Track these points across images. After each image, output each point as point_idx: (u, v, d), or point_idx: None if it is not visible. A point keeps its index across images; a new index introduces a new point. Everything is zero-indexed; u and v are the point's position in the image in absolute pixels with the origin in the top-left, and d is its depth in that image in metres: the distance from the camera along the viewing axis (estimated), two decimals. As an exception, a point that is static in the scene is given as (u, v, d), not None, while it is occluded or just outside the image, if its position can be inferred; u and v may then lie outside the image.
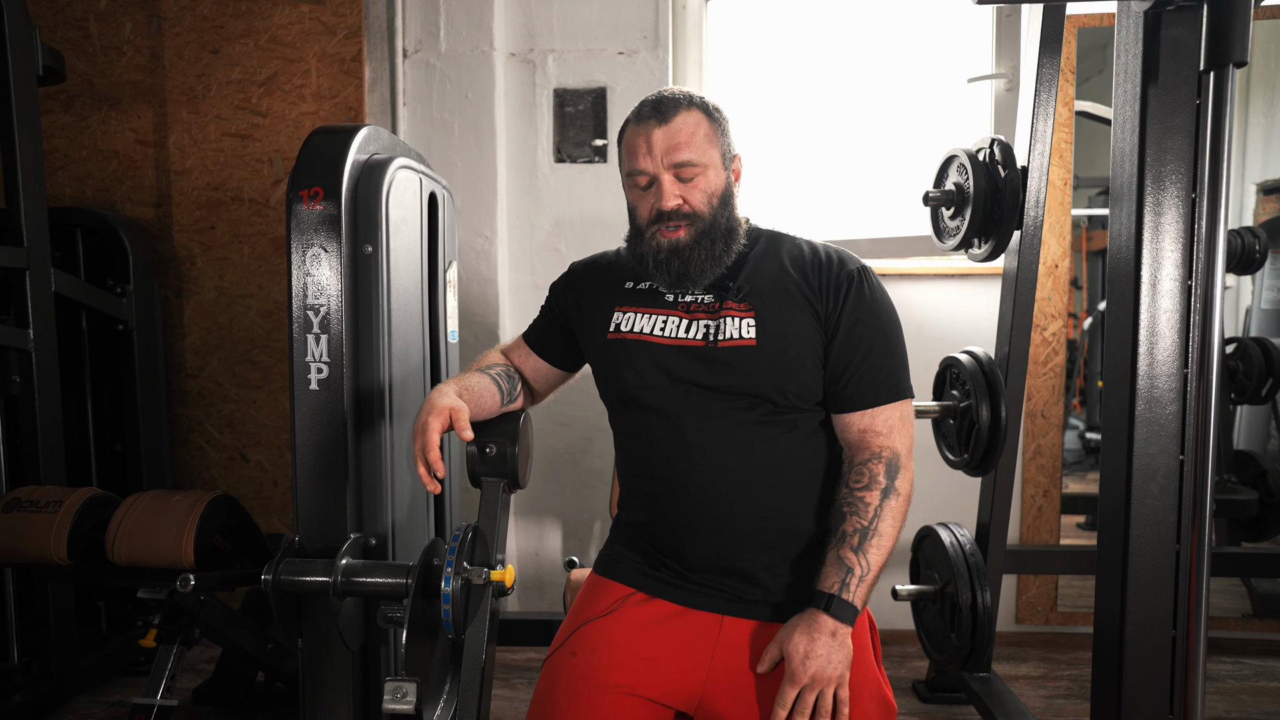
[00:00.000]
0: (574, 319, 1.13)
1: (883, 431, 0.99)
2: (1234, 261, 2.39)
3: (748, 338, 0.99)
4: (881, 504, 0.96)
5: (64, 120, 2.21)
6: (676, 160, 0.99)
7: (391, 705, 0.98)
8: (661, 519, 1.01)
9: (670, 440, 1.00)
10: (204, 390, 2.26)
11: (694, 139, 1.00)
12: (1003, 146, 1.58)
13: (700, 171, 1.00)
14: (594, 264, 1.15)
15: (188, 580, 1.17)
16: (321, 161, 1.17)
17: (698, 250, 1.00)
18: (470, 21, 2.14)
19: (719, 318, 1.01)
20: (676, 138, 0.99)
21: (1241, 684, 1.97)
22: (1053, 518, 2.21)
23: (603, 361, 1.07)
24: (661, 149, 0.99)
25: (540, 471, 2.22)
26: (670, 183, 1.00)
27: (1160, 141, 1.04)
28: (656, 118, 1.00)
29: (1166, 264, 1.05)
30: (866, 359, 0.99)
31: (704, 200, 1.00)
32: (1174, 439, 1.06)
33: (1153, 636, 1.06)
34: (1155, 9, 1.01)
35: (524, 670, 2.06)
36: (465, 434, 1.01)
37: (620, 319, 1.06)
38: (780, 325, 0.99)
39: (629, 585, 1.03)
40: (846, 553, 0.95)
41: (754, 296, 1.01)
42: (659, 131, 0.99)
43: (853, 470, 0.99)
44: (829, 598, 0.93)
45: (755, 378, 0.98)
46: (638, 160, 1.01)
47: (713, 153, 1.01)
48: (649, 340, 1.03)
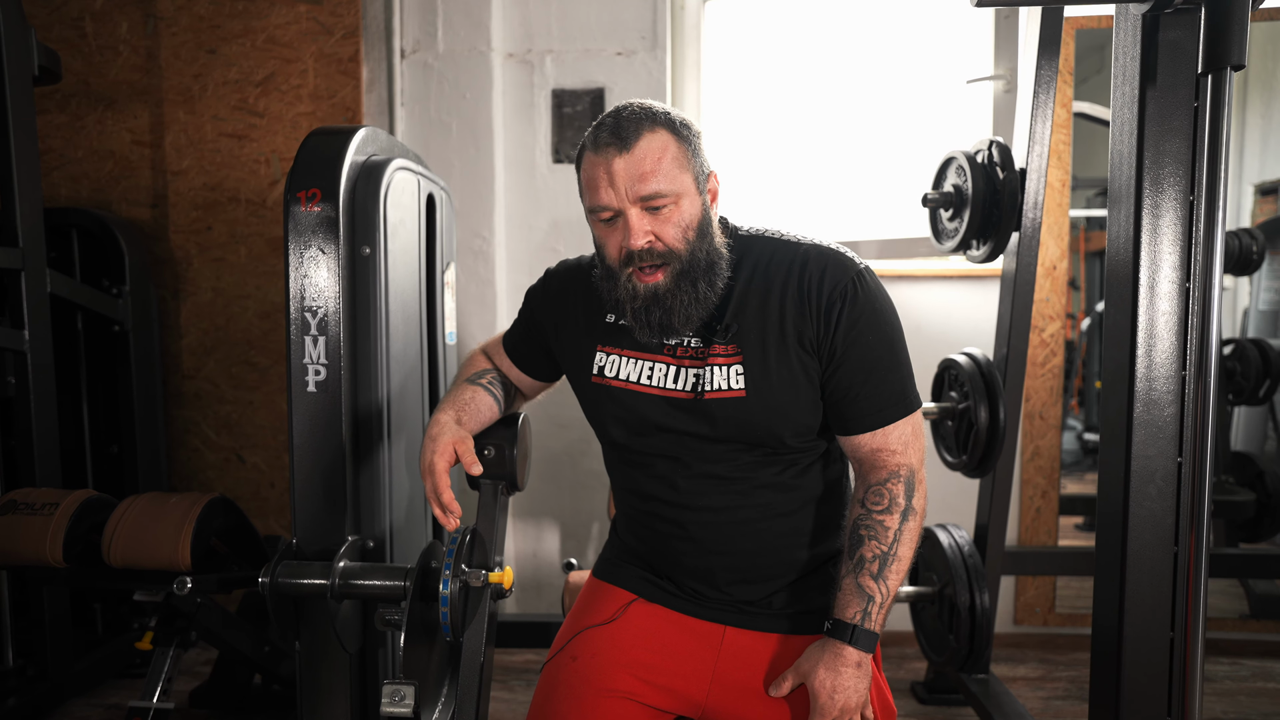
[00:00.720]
0: (552, 341, 1.06)
1: (897, 450, 0.94)
2: (1231, 263, 2.40)
3: (736, 389, 0.92)
4: (901, 527, 0.92)
5: (60, 120, 2.20)
6: (643, 193, 0.87)
7: (389, 708, 0.98)
8: (661, 550, 1.00)
9: (663, 487, 0.97)
10: (201, 391, 2.26)
11: (661, 165, 0.88)
12: (1001, 148, 1.58)
13: (672, 202, 0.89)
14: (571, 280, 1.05)
15: (184, 582, 1.16)
16: (319, 163, 1.17)
17: (679, 296, 0.90)
18: (468, 22, 2.13)
19: (705, 364, 0.93)
20: (641, 166, 0.87)
21: (1239, 684, 1.98)
22: (1051, 519, 2.21)
23: (588, 403, 1.02)
24: (625, 180, 0.87)
25: (538, 473, 2.22)
26: (638, 218, 0.88)
27: (1158, 144, 1.04)
28: (616, 144, 0.88)
29: (1165, 266, 1.05)
30: (869, 378, 0.92)
31: (679, 235, 0.89)
32: (1172, 441, 1.06)
33: (1151, 638, 1.06)
34: (1153, 11, 1.01)
35: (522, 672, 2.05)
36: (474, 469, 0.97)
37: (604, 361, 0.99)
38: (768, 370, 0.92)
39: (631, 591, 1.02)
40: (866, 580, 0.91)
41: (741, 337, 0.93)
42: (620, 161, 0.87)
43: (870, 491, 0.94)
44: (852, 629, 0.90)
45: (748, 430, 0.93)
46: (599, 195, 0.89)
47: (684, 178, 0.90)
48: (636, 390, 0.96)
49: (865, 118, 2.22)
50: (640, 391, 0.96)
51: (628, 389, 0.97)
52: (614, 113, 0.91)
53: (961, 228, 1.62)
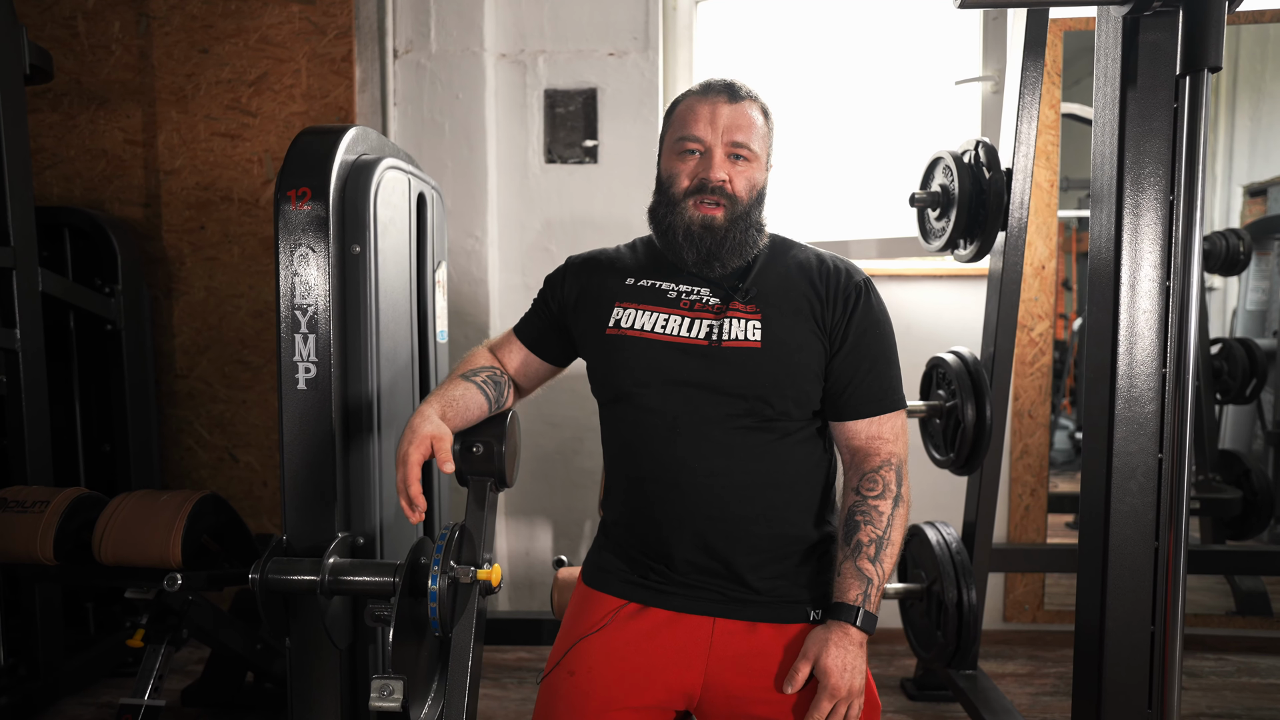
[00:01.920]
0: (570, 314, 1.10)
1: (889, 438, 1.01)
2: (1218, 263, 2.42)
3: (753, 340, 0.98)
4: (893, 513, 0.98)
5: (52, 119, 2.20)
6: (736, 139, 1.00)
7: (378, 703, 0.99)
8: (649, 518, 1.01)
9: (664, 440, 0.99)
10: (193, 390, 2.26)
11: (755, 129, 1.02)
12: (987, 149, 1.59)
13: (752, 160, 1.02)
14: (593, 259, 1.13)
15: (175, 579, 1.17)
16: (309, 162, 1.18)
17: (732, 232, 1.00)
18: (461, 22, 2.14)
19: (724, 318, 1.00)
20: (741, 119, 1.01)
21: (1224, 680, 2.00)
22: (1040, 517, 2.23)
23: (599, 357, 1.06)
24: (725, 124, 1.00)
25: (530, 471, 2.23)
26: (723, 158, 1.00)
27: (1139, 144, 1.05)
28: (728, 94, 1.01)
29: (1145, 265, 1.07)
30: (872, 369, 1.01)
31: (746, 187, 1.02)
32: (1153, 438, 1.07)
33: (1132, 632, 1.07)
34: (1133, 14, 1.02)
35: (514, 670, 2.06)
36: (446, 467, 0.98)
37: (620, 314, 1.04)
38: (786, 331, 0.99)
39: (619, 596, 1.03)
40: (864, 563, 0.96)
41: (761, 300, 1.01)
42: (727, 108, 1.00)
43: (864, 478, 1.00)
44: (856, 610, 0.95)
45: (757, 380, 0.98)
46: (695, 127, 1.01)
47: (764, 148, 1.04)
48: (650, 337, 1.01)
49: (856, 118, 2.24)
50: (654, 339, 1.01)
51: (642, 336, 1.02)
52: (724, 78, 1.04)
53: (948, 227, 1.63)
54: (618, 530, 1.07)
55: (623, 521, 1.06)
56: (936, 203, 1.68)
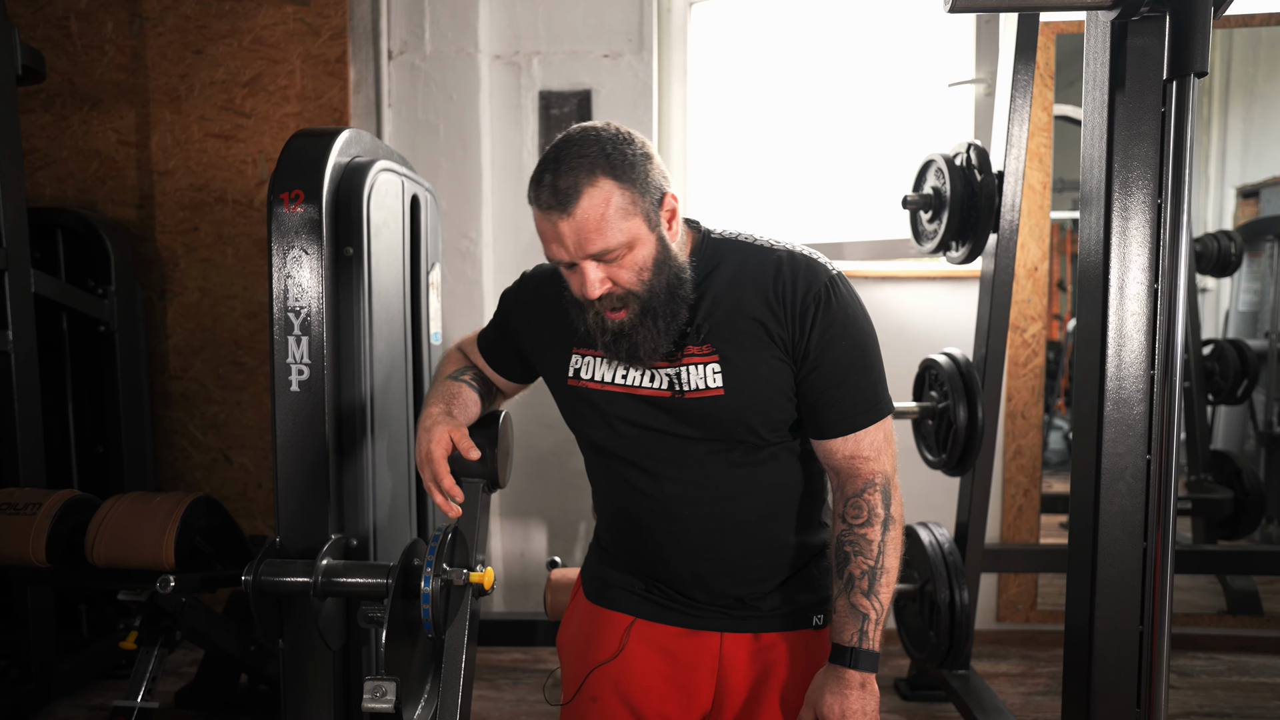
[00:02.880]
0: (526, 345, 1.06)
1: (870, 456, 0.94)
2: (1210, 264, 2.44)
3: (715, 387, 0.92)
4: (884, 538, 0.92)
5: (44, 120, 2.20)
6: (591, 252, 0.86)
7: (371, 704, 0.99)
8: (647, 553, 1.00)
9: (648, 490, 0.97)
10: (187, 392, 2.25)
11: (606, 223, 0.85)
12: (979, 151, 1.60)
13: (623, 251, 0.87)
14: (547, 283, 1.03)
15: (167, 581, 1.17)
16: (303, 164, 1.18)
17: (642, 330, 0.90)
18: (455, 23, 2.14)
19: (680, 365, 0.93)
20: (585, 229, 0.85)
21: (1215, 679, 2.01)
22: (1033, 517, 2.24)
23: (566, 406, 1.02)
24: (573, 242, 0.86)
25: (525, 473, 2.23)
26: (593, 269, 0.88)
27: (1127, 148, 1.06)
28: (558, 209, 0.86)
29: (1134, 268, 1.08)
30: (843, 383, 0.92)
31: (634, 278, 0.89)
32: (1141, 439, 1.08)
33: (1121, 632, 1.08)
34: (1121, 19, 1.03)
35: (509, 671, 2.06)
36: (472, 454, 0.96)
37: (579, 364, 0.98)
38: (747, 367, 0.92)
39: (628, 613, 1.02)
40: (859, 598, 0.91)
41: (715, 336, 0.92)
42: (565, 224, 0.86)
43: (848, 504, 0.94)
44: (851, 651, 0.91)
45: (727, 426, 0.93)
46: (551, 248, 0.88)
47: (633, 224, 0.87)
48: (612, 390, 0.96)
49: (851, 120, 2.25)
50: (616, 391, 0.96)
51: (603, 389, 0.97)
52: (553, 160, 0.87)
53: (940, 229, 1.64)
54: (615, 548, 1.06)
55: (619, 545, 1.05)
56: (929, 205, 1.68)
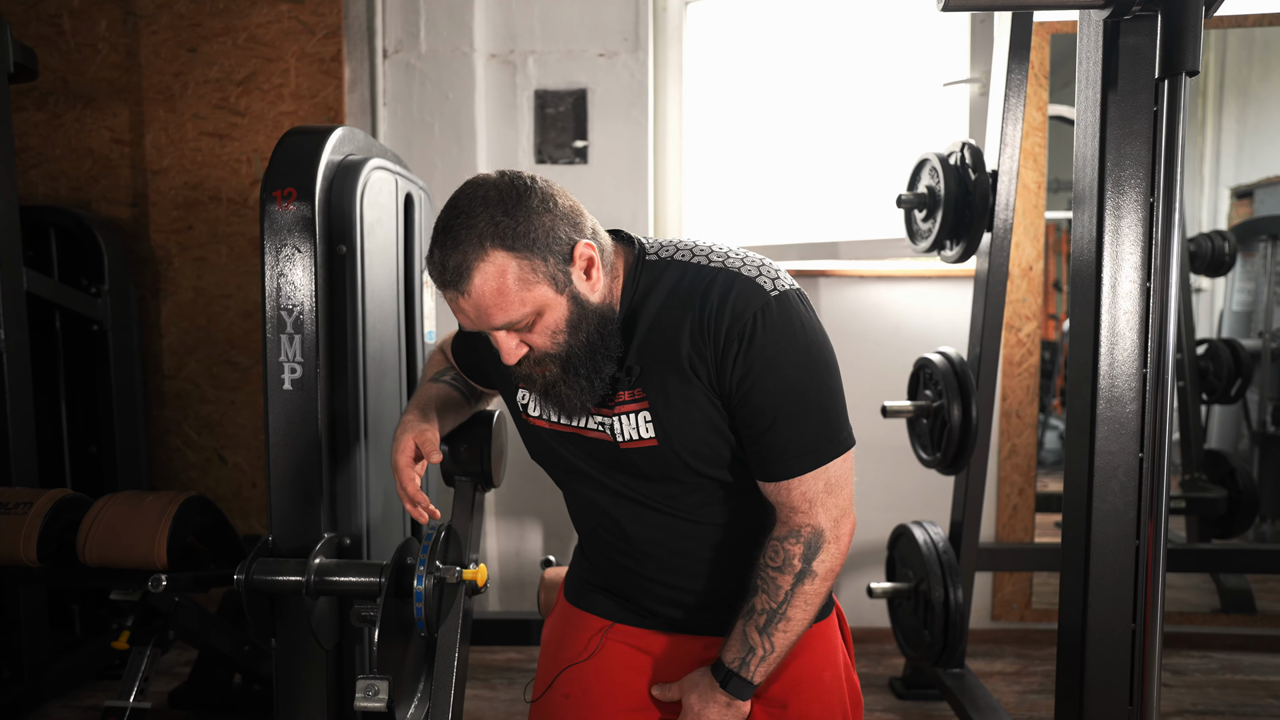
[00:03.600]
0: (485, 362, 1.05)
1: (800, 508, 0.87)
2: (1204, 264, 2.45)
3: (647, 438, 0.89)
4: (793, 589, 0.88)
5: (37, 118, 2.19)
6: (496, 325, 0.83)
7: (363, 703, 0.99)
8: (622, 577, 1.00)
9: (611, 525, 0.96)
10: (181, 391, 2.25)
11: (505, 297, 0.80)
12: (973, 150, 1.60)
13: (530, 319, 0.83)
14: None
15: (159, 580, 1.16)
16: (295, 162, 1.17)
17: (566, 386, 0.87)
18: (450, 22, 2.14)
19: (613, 414, 0.90)
20: (483, 306, 0.81)
21: (1208, 677, 2.02)
22: (1027, 516, 2.25)
23: (522, 436, 1.02)
24: (474, 318, 0.83)
25: (521, 472, 2.22)
26: (505, 338, 0.85)
27: (1120, 147, 1.06)
28: (454, 287, 0.81)
29: (1126, 266, 1.08)
30: (772, 427, 0.85)
31: (548, 341, 0.85)
32: (1134, 437, 1.08)
33: (1114, 630, 1.08)
34: (1113, 18, 1.03)
35: (504, 670, 2.06)
36: (433, 457, 0.97)
37: (525, 399, 0.97)
38: (678, 413, 0.87)
39: (604, 616, 1.02)
40: (752, 631, 0.89)
41: (646, 379, 0.88)
42: (463, 302, 0.82)
43: (770, 544, 0.89)
44: (728, 673, 0.90)
45: (665, 471, 0.91)
46: (460, 318, 0.85)
47: (536, 292, 0.82)
48: (556, 429, 0.95)
49: (846, 119, 2.25)
50: (564, 432, 0.94)
51: (552, 429, 0.95)
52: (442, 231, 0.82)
53: (935, 228, 1.64)
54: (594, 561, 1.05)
55: (597, 561, 1.04)
56: (923, 204, 1.69)
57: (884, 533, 1.90)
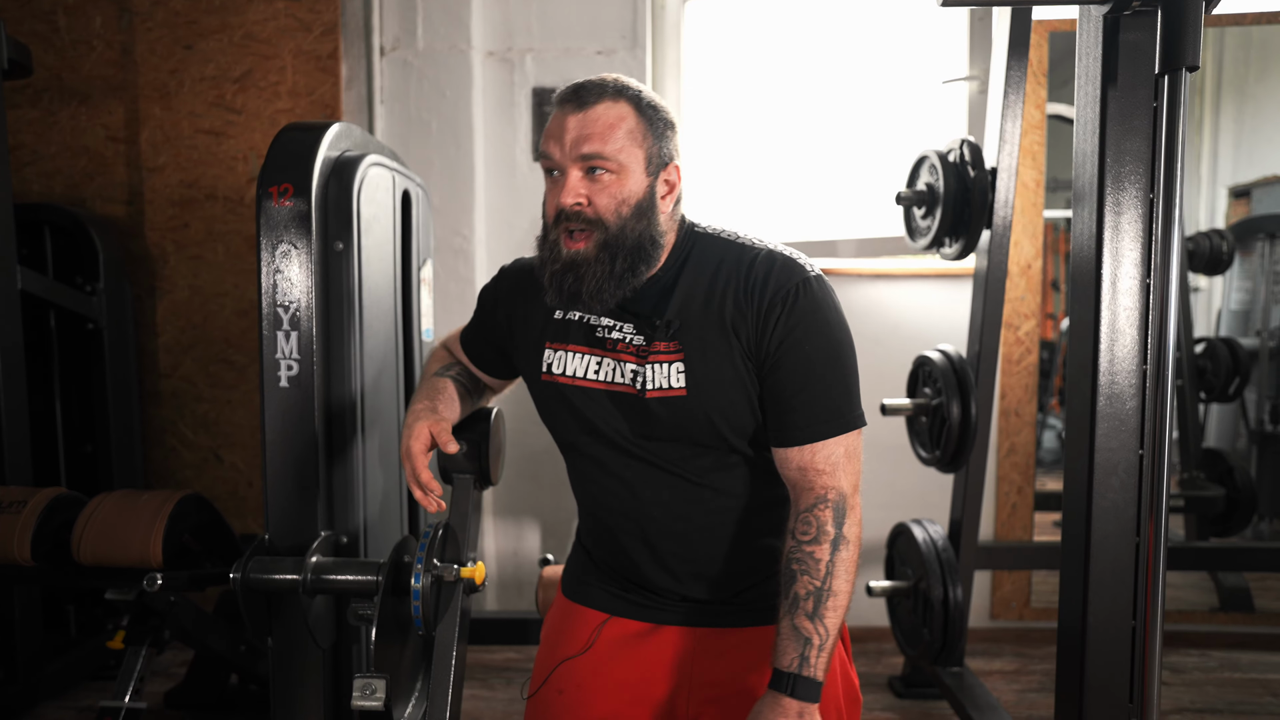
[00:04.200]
0: (505, 340, 1.05)
1: (825, 470, 0.89)
2: (1202, 263, 2.45)
3: (677, 387, 0.89)
4: (833, 558, 0.87)
5: (31, 115, 2.18)
6: (584, 152, 0.85)
7: (360, 702, 0.98)
8: (621, 551, 1.00)
9: (618, 489, 0.96)
10: (177, 390, 2.24)
11: (612, 133, 0.86)
12: (972, 147, 1.60)
13: (614, 171, 0.86)
14: (524, 278, 1.03)
15: (154, 579, 1.15)
16: (291, 158, 1.17)
17: (595, 267, 0.87)
18: (448, 19, 2.13)
19: (646, 363, 0.91)
20: (590, 128, 0.85)
21: (1207, 675, 2.02)
22: (1026, 514, 2.24)
23: (540, 402, 1.00)
24: (572, 137, 0.86)
25: (519, 471, 2.22)
26: (576, 179, 0.87)
27: (1119, 143, 1.06)
28: (574, 101, 0.87)
29: (1126, 263, 1.08)
30: (802, 390, 0.88)
31: (611, 206, 0.87)
32: (1134, 434, 1.08)
33: (1114, 627, 1.08)
34: (1113, 13, 1.03)
35: (502, 670, 2.05)
36: (450, 447, 0.96)
37: (551, 358, 0.96)
38: (711, 369, 0.89)
39: (601, 610, 1.01)
40: (802, 620, 0.86)
41: (684, 333, 0.90)
42: (573, 119, 0.86)
43: (799, 519, 0.89)
44: (791, 678, 0.85)
45: (688, 428, 0.91)
46: (548, 145, 0.88)
47: (634, 153, 0.87)
48: (583, 385, 0.94)
49: (845, 117, 2.24)
50: (587, 387, 0.95)
51: (575, 385, 0.95)
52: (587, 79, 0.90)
53: (934, 225, 1.64)
54: (594, 550, 1.05)
55: (596, 546, 1.04)
56: (922, 201, 1.68)
57: (883, 531, 1.89)
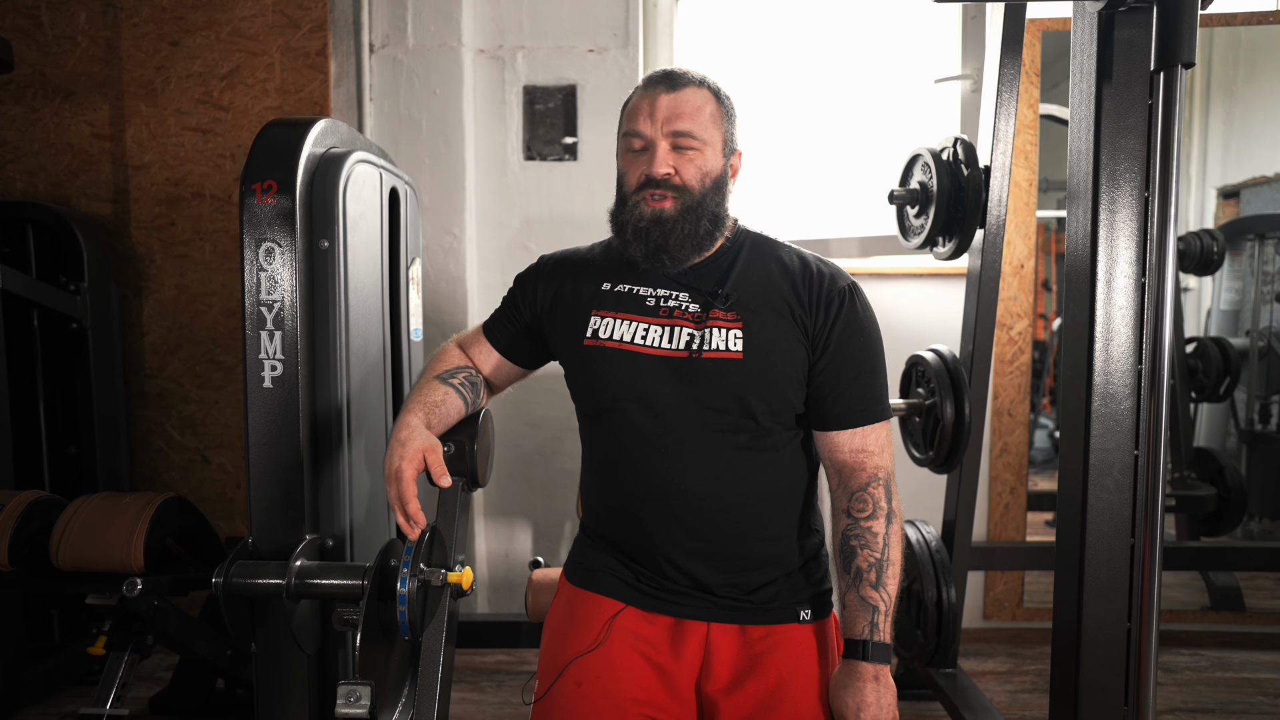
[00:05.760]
0: (544, 318, 1.07)
1: (874, 450, 0.98)
2: (1193, 263, 2.45)
3: (734, 350, 0.95)
4: (888, 532, 0.96)
5: (14, 112, 2.14)
6: (677, 129, 0.96)
7: (345, 709, 0.96)
8: (637, 533, 0.99)
9: (649, 458, 0.97)
10: (164, 391, 2.21)
11: (699, 114, 0.98)
12: (965, 146, 1.59)
13: (698, 147, 0.97)
14: (566, 259, 1.09)
15: (134, 584, 1.13)
16: (276, 154, 1.15)
17: (681, 224, 0.96)
18: (438, 17, 2.11)
19: (705, 327, 0.97)
20: (681, 107, 0.97)
21: (1198, 675, 2.02)
22: (1019, 515, 2.24)
23: (577, 369, 1.02)
24: (664, 115, 0.97)
25: (510, 472, 2.20)
26: (666, 151, 0.97)
27: (1114, 140, 1.05)
28: (666, 84, 0.98)
29: (1121, 261, 1.07)
30: (856, 378, 0.98)
31: (696, 176, 0.97)
32: (1129, 434, 1.07)
33: (1109, 627, 1.07)
34: (1108, 10, 1.02)
35: (493, 673, 2.03)
36: (442, 481, 0.96)
37: (598, 324, 1.00)
38: (767, 339, 0.96)
39: (612, 598, 1.00)
40: (867, 590, 0.94)
41: (741, 306, 0.97)
42: (665, 98, 0.97)
43: (853, 498, 0.97)
44: (864, 644, 0.93)
45: (740, 391, 0.95)
46: (637, 122, 0.98)
47: (714, 134, 0.99)
48: (629, 349, 0.97)
49: (837, 116, 2.24)
50: (634, 351, 0.98)
51: (621, 348, 0.98)
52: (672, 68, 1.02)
53: (927, 224, 1.63)
54: (604, 535, 1.04)
55: (608, 530, 1.03)
56: (915, 200, 1.67)
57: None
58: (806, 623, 1.00)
